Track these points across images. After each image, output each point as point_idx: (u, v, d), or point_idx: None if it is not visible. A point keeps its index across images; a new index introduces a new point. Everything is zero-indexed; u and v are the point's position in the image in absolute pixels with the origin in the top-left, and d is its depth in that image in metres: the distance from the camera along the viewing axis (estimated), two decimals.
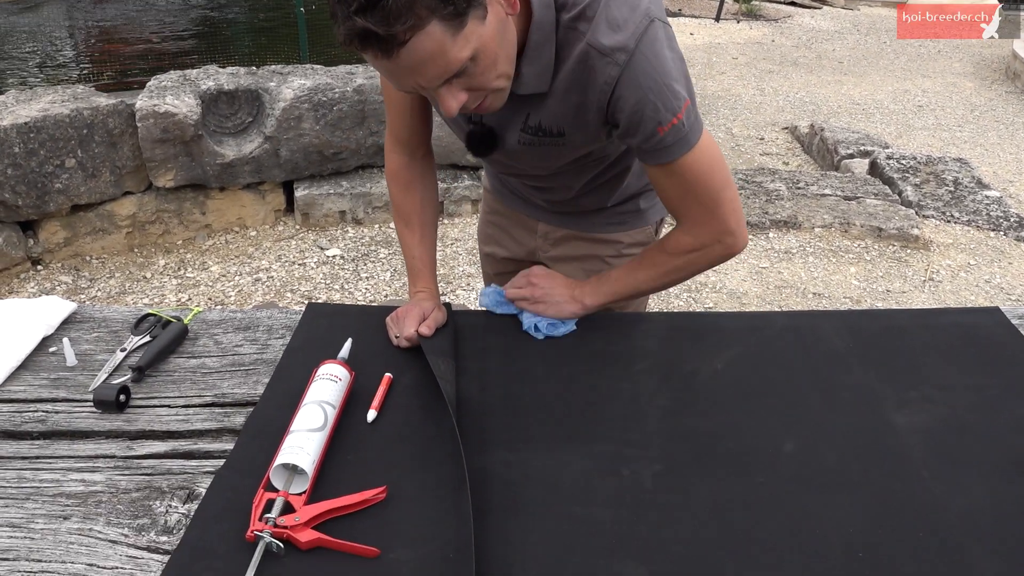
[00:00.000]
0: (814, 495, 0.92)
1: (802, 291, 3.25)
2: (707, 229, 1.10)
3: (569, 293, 1.22)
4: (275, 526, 0.84)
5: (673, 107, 0.97)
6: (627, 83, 0.96)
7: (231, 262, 3.46)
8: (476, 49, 0.85)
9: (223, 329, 1.26)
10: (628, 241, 1.37)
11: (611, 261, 1.38)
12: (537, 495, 0.92)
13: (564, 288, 1.22)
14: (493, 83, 0.92)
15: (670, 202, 1.11)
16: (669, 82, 0.96)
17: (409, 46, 0.81)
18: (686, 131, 1.00)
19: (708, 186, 1.06)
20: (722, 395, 1.09)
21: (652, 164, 1.04)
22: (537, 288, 1.22)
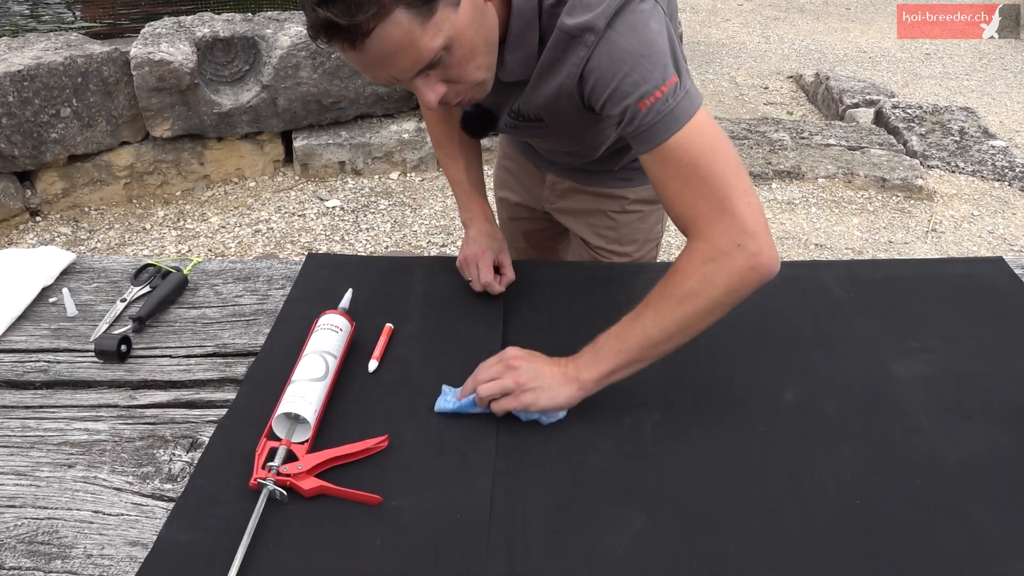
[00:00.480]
0: (813, 444, 0.93)
1: (804, 242, 3.24)
2: (719, 229, 0.88)
3: (560, 372, 0.94)
4: (278, 474, 0.85)
5: (655, 80, 0.86)
6: (598, 62, 0.88)
7: (230, 213, 3.44)
8: (449, 38, 0.82)
9: (223, 280, 1.25)
10: (633, 197, 1.35)
11: (615, 216, 1.36)
12: (538, 444, 0.93)
13: (552, 367, 0.95)
14: (472, 75, 0.88)
15: (673, 203, 0.91)
16: (651, 56, 0.86)
17: (375, 36, 0.77)
18: (673, 106, 0.87)
19: (710, 170, 0.88)
20: (723, 345, 1.09)
21: (644, 152, 0.91)
22: (521, 372, 0.94)
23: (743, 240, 0.87)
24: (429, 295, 1.19)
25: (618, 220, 1.35)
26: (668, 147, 0.88)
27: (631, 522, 0.83)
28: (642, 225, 1.37)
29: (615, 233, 1.37)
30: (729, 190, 0.88)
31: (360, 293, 1.16)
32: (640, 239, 1.38)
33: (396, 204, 3.51)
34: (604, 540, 0.81)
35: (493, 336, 1.10)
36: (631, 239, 1.38)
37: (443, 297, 1.19)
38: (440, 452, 0.91)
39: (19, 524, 0.83)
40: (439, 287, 1.21)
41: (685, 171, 0.89)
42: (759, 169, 3.70)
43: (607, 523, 0.82)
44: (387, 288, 1.21)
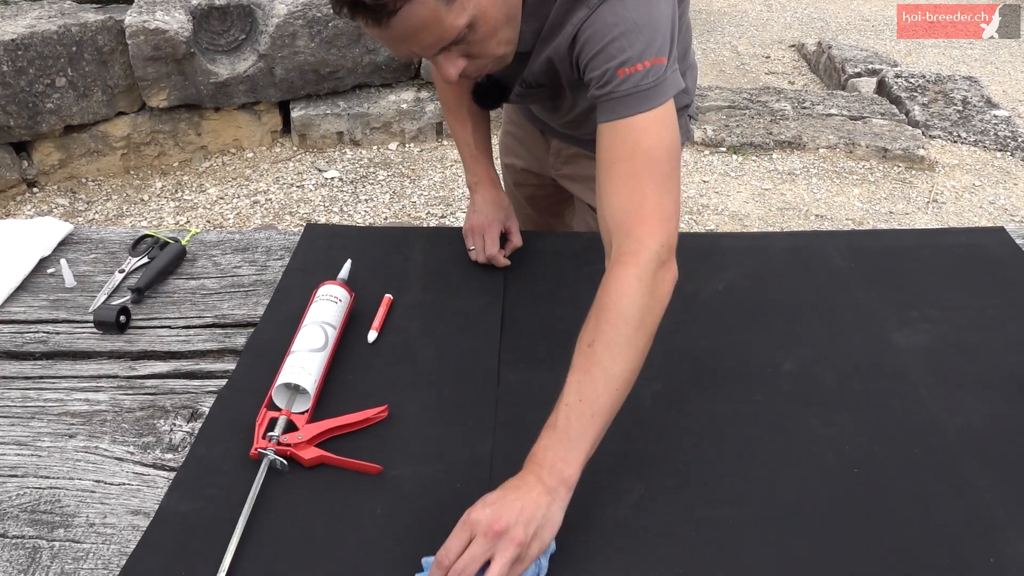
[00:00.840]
0: (813, 413, 0.93)
1: (804, 213, 3.23)
2: (654, 234, 0.84)
3: (542, 490, 0.75)
4: (278, 444, 0.85)
5: (642, 52, 0.84)
6: (594, 21, 0.87)
7: (228, 184, 3.43)
8: (474, 16, 0.81)
9: (221, 250, 1.25)
10: None
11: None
12: (538, 414, 0.93)
13: (530, 492, 0.75)
14: (494, 50, 0.88)
15: (611, 191, 0.87)
16: (647, 27, 0.85)
17: (401, 14, 0.76)
18: (650, 85, 0.85)
19: (662, 166, 0.85)
20: (722, 315, 1.09)
21: (606, 121, 0.87)
22: (514, 529, 0.72)
23: (669, 248, 0.85)
24: (428, 266, 1.19)
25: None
26: (632, 124, 0.86)
27: (630, 491, 0.83)
28: None
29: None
30: (669, 195, 0.85)
31: (359, 264, 1.16)
32: None
33: (395, 175, 3.49)
34: (603, 508, 0.81)
35: (493, 306, 1.10)
36: None
37: (443, 268, 1.19)
38: (440, 422, 0.91)
39: (21, 493, 0.83)
40: (439, 258, 1.21)
41: (640, 157, 0.85)
42: (760, 139, 3.68)
43: (606, 492, 0.83)
44: (386, 259, 1.20)
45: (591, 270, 1.17)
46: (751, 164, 3.59)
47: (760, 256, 1.22)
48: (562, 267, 1.19)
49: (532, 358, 1.01)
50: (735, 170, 3.53)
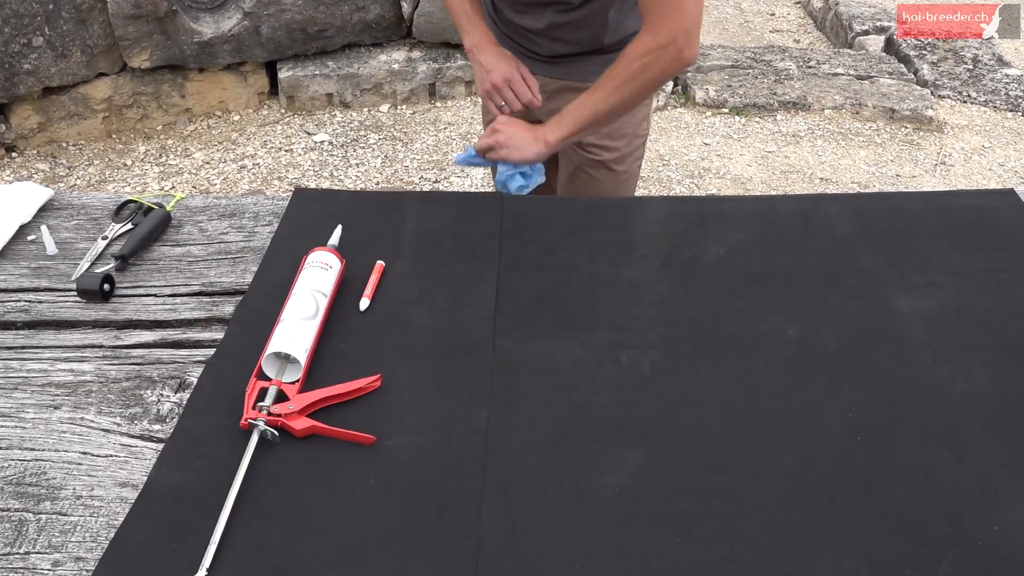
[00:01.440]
0: (815, 380, 0.93)
1: (809, 176, 3.22)
2: (668, 25, 1.13)
3: (531, 135, 1.26)
4: (269, 414, 0.85)
5: None
6: None
7: (214, 148, 3.40)
8: None
9: (207, 216, 1.24)
10: None
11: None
12: (534, 382, 0.93)
13: (525, 131, 1.26)
14: None
15: None
16: None
17: None
18: None
19: None
20: (724, 281, 1.09)
21: None
22: (500, 134, 1.27)
23: (678, 36, 1.13)
24: (422, 232, 1.19)
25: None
26: None
27: (629, 459, 0.84)
28: (631, 119, 1.47)
29: (606, 127, 1.44)
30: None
31: (350, 230, 1.15)
32: (629, 133, 1.49)
33: (387, 138, 3.47)
34: (601, 477, 0.82)
35: (488, 273, 1.09)
36: (621, 133, 1.47)
37: (436, 234, 1.18)
38: (434, 391, 0.92)
39: (6, 466, 0.83)
40: (432, 223, 1.20)
41: None
42: (763, 100, 3.66)
43: (604, 460, 0.83)
44: (378, 224, 1.20)
45: (588, 236, 1.17)
46: (754, 126, 3.57)
47: (763, 220, 1.21)
48: (559, 233, 1.18)
49: (527, 325, 1.01)
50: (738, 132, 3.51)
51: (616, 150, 1.49)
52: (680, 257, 1.14)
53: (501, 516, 0.78)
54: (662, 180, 3.18)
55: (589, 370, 0.95)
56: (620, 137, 1.48)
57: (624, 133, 1.49)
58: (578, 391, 0.92)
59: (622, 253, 1.14)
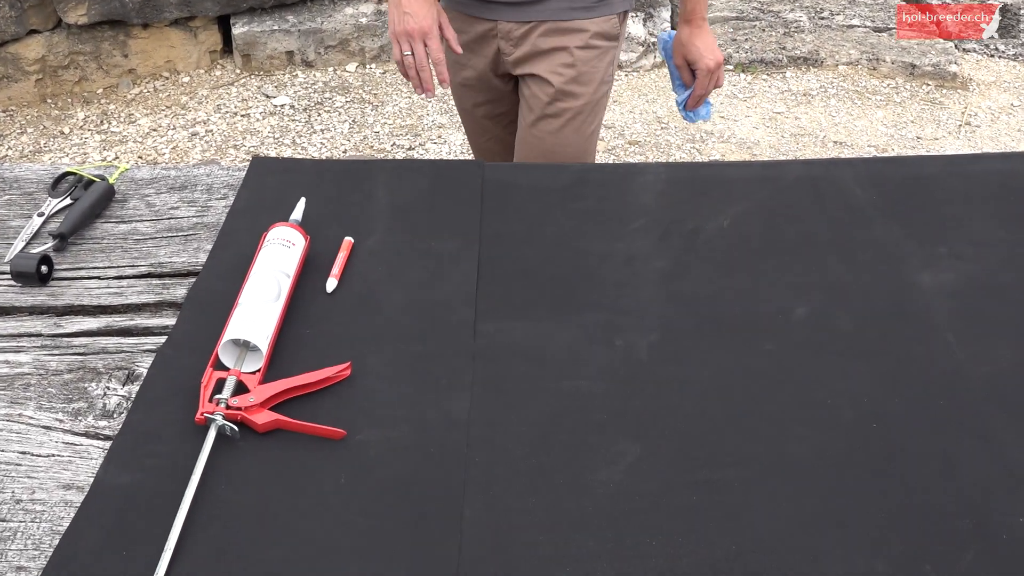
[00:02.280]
0: (827, 363, 0.94)
1: (821, 139, 3.23)
2: None
3: (712, 39, 1.49)
4: (228, 408, 0.85)
5: None
6: None
7: (162, 114, 3.37)
8: None
9: (155, 189, 1.23)
10: (595, 30, 1.48)
11: (578, 53, 1.47)
12: (520, 369, 0.94)
13: (707, 39, 1.53)
14: None
15: None
16: None
17: None
18: None
19: None
20: (727, 255, 1.09)
21: None
22: (717, 71, 1.54)
23: None
24: (395, 204, 1.18)
25: (577, 56, 1.48)
26: None
27: (625, 453, 0.84)
28: (599, 63, 1.52)
29: (574, 71, 1.49)
30: None
31: (315, 202, 1.15)
32: (596, 79, 1.54)
33: (354, 101, 3.45)
34: (595, 473, 0.82)
35: (468, 249, 1.09)
36: (589, 78, 1.52)
37: (411, 206, 1.18)
38: (410, 379, 0.92)
39: None
40: (406, 195, 1.20)
41: None
42: (771, 55, 3.66)
43: (598, 454, 0.84)
44: (346, 196, 1.20)
45: (579, 207, 1.18)
46: (761, 84, 3.58)
47: (770, 188, 1.22)
48: (547, 204, 1.19)
49: (512, 307, 1.02)
50: (743, 91, 3.52)
51: (581, 96, 1.53)
52: (680, 230, 1.14)
53: (485, 516, 0.79)
54: (660, 145, 3.18)
55: (580, 355, 0.95)
56: (587, 83, 1.53)
57: (592, 78, 1.53)
58: (568, 378, 0.92)
59: (616, 225, 1.14)
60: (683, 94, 1.56)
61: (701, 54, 1.50)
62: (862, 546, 0.76)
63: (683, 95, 1.55)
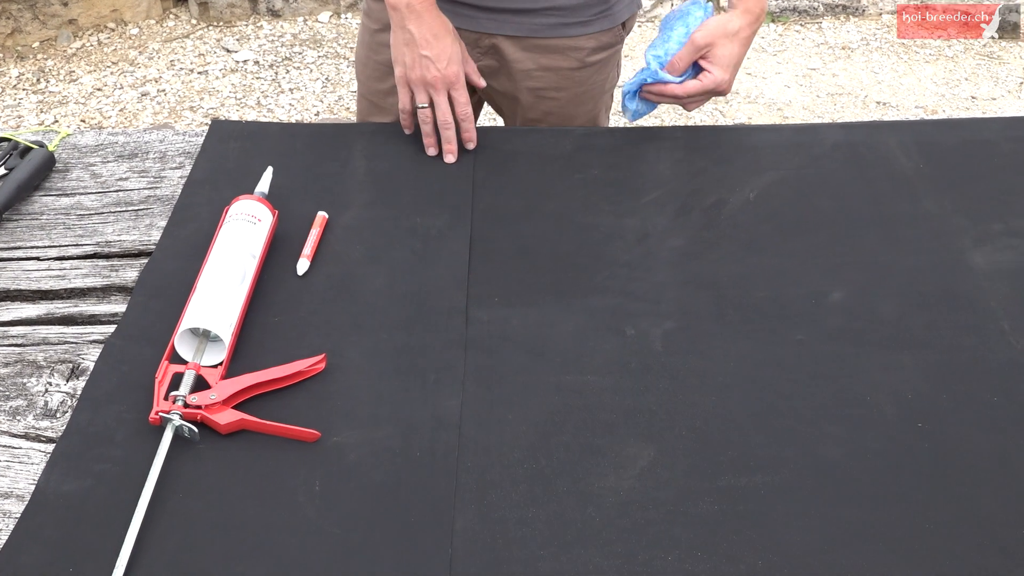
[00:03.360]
0: (866, 355, 0.95)
1: (863, 99, 3.23)
2: None
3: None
4: (186, 406, 0.86)
5: None
6: None
7: (108, 71, 3.36)
8: None
9: (102, 157, 1.23)
10: (594, 45, 1.37)
11: (572, 75, 1.39)
12: (519, 361, 0.94)
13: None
14: None
15: None
16: None
17: None
18: None
19: None
20: (754, 232, 1.10)
21: None
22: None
23: None
24: (375, 173, 1.19)
25: (573, 78, 1.40)
26: None
27: (636, 456, 0.85)
28: (598, 77, 1.43)
29: (567, 93, 1.41)
30: None
31: (283, 172, 1.15)
32: (596, 94, 1.46)
33: (328, 56, 3.44)
34: (603, 479, 0.83)
35: (459, 226, 1.10)
36: (589, 96, 1.44)
37: (393, 176, 1.18)
38: (393, 374, 0.92)
39: None
40: (387, 163, 1.20)
41: None
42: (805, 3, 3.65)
43: (606, 458, 0.85)
44: (319, 165, 1.20)
45: (585, 177, 1.18)
46: (793, 36, 3.57)
47: (803, 155, 1.22)
48: (548, 173, 1.19)
49: (509, 291, 1.02)
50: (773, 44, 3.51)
51: (577, 117, 1.47)
52: (700, 203, 1.14)
53: (478, 528, 0.79)
54: (678, 106, 3.17)
55: (586, 345, 0.96)
56: (588, 100, 1.47)
57: (592, 95, 1.47)
58: (573, 372, 0.93)
59: (627, 198, 1.15)
60: (641, 75, 1.24)
61: (723, 61, 1.21)
62: (906, 562, 0.77)
63: (640, 76, 1.24)
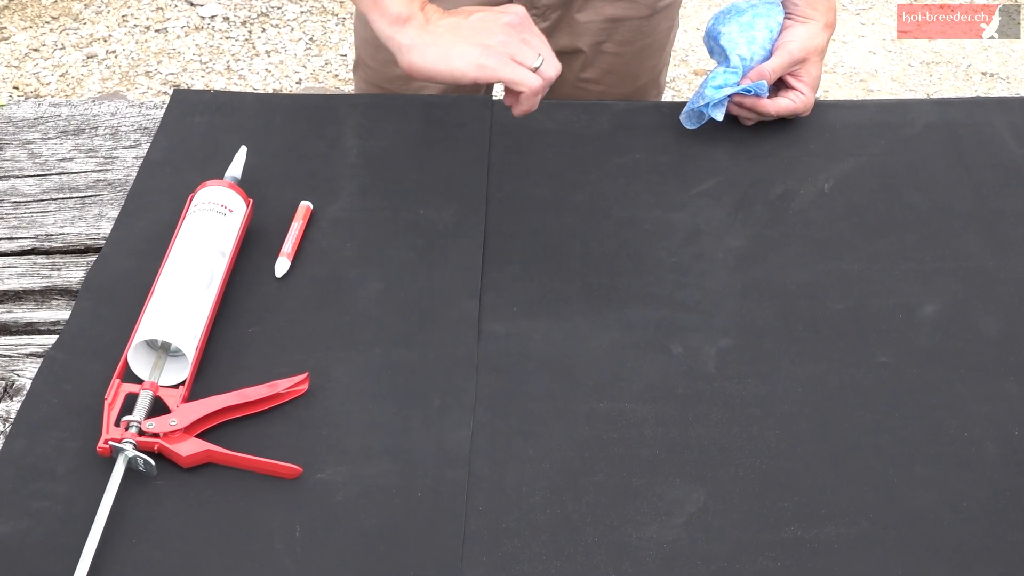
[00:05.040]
0: (964, 382, 0.95)
1: (964, 69, 3.22)
2: None
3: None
4: (141, 434, 0.86)
5: None
6: None
7: (46, 28, 3.38)
8: None
9: (41, 133, 1.24)
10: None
11: (640, 25, 1.42)
12: (541, 384, 0.95)
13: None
14: None
15: None
16: None
17: None
18: None
19: None
20: (828, 231, 1.10)
21: None
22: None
23: None
24: (369, 154, 1.19)
25: (641, 29, 1.44)
26: None
27: (683, 501, 0.85)
28: (665, 25, 1.48)
29: (633, 46, 1.44)
30: None
31: (259, 153, 1.16)
32: (661, 45, 1.51)
33: (313, 11, 3.45)
34: (641, 528, 0.83)
35: (471, 219, 1.10)
36: (655, 49, 1.49)
37: (392, 159, 1.18)
38: (390, 397, 0.93)
39: None
40: (385, 143, 1.20)
41: None
42: None
43: (646, 502, 0.85)
44: (302, 145, 1.20)
45: (625, 162, 1.18)
46: None
47: (890, 137, 1.22)
48: (579, 157, 1.19)
49: (530, 299, 1.02)
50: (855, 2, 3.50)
51: (642, 77, 1.52)
52: (763, 195, 1.15)
53: None
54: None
55: (624, 367, 0.96)
56: (658, 51, 1.52)
57: (662, 45, 1.52)
58: (607, 398, 0.93)
59: (676, 188, 1.15)
60: (730, 79, 1.22)
61: (813, 83, 1.26)
62: None
63: (729, 80, 1.22)
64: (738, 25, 1.22)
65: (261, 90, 3.11)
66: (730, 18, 1.24)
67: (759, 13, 1.21)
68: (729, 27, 1.22)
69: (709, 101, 1.18)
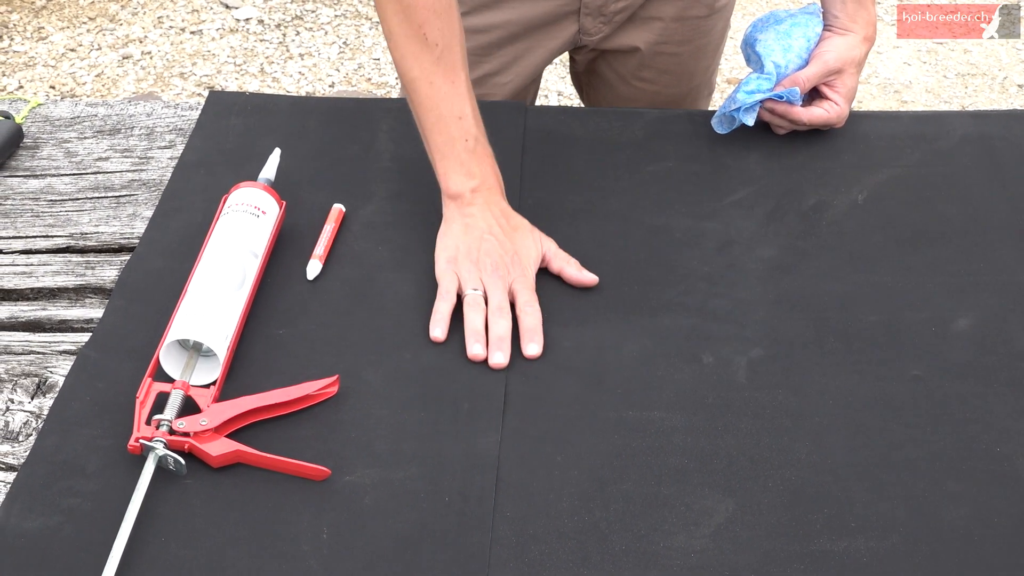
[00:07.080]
0: (999, 397, 0.94)
1: (1001, 81, 3.19)
2: None
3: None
4: (171, 432, 0.87)
5: None
6: None
7: (83, 28, 3.40)
8: None
9: (78, 132, 1.25)
10: None
11: (700, 24, 1.44)
12: (571, 391, 0.94)
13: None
14: None
15: None
16: None
17: None
18: None
19: None
20: (862, 243, 1.09)
21: None
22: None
23: None
24: (402, 159, 1.19)
25: (700, 28, 1.45)
26: None
27: (712, 511, 0.85)
28: (720, 24, 1.50)
29: (690, 46, 1.45)
30: None
31: (292, 155, 1.16)
32: (716, 44, 1.53)
33: (346, 15, 3.46)
34: (670, 538, 0.83)
35: None
36: (711, 48, 1.51)
37: (424, 162, 1.18)
38: (419, 401, 0.93)
39: None
40: (417, 147, 1.20)
41: None
42: None
43: (674, 512, 0.85)
44: (335, 148, 1.21)
45: (657, 169, 1.18)
46: None
47: (924, 149, 1.21)
48: (611, 164, 1.19)
49: (561, 306, 1.02)
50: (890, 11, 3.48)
51: (698, 74, 1.54)
52: (796, 206, 1.14)
53: None
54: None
55: (654, 375, 0.96)
56: (713, 50, 1.53)
57: (717, 44, 1.54)
58: (637, 407, 0.93)
59: (708, 197, 1.15)
60: (763, 84, 1.21)
61: (849, 94, 1.25)
62: None
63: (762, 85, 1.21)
64: (775, 33, 1.22)
65: (294, 93, 3.12)
66: (768, 26, 1.24)
67: (797, 23, 1.21)
68: (766, 35, 1.22)
69: (741, 106, 1.18)
